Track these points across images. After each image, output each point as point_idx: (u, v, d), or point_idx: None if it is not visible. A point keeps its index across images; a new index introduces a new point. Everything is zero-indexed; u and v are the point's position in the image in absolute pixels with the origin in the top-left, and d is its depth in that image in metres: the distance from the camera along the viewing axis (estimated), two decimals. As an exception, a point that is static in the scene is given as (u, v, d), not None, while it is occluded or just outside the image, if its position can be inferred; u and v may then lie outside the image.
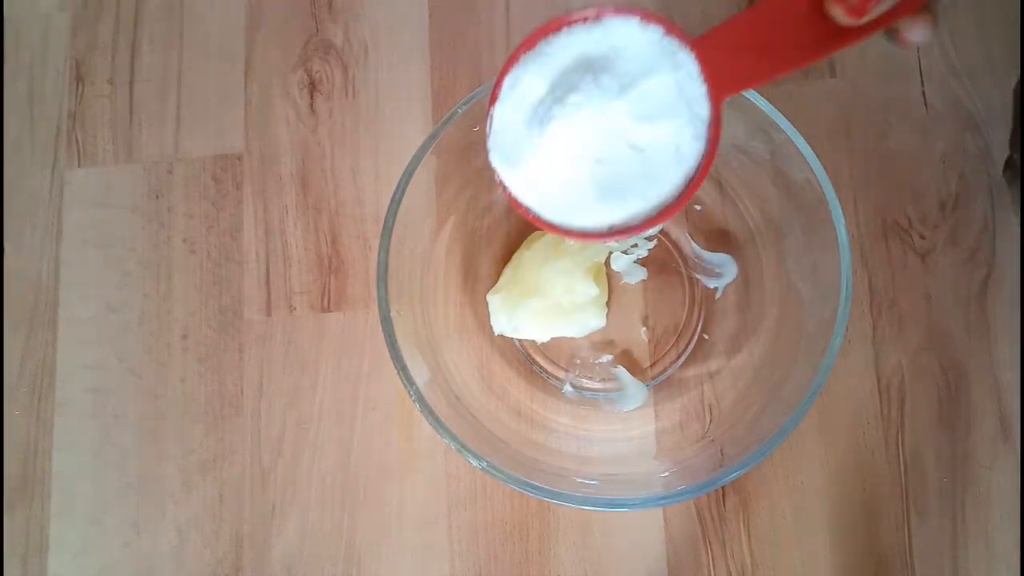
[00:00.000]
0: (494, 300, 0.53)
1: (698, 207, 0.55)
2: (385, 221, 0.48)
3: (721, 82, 0.32)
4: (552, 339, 0.53)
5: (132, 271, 0.58)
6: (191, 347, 0.56)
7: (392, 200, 0.48)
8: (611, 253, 0.54)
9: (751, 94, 0.47)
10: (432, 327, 0.52)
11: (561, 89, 0.33)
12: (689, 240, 0.55)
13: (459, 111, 0.48)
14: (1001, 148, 0.54)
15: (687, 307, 0.55)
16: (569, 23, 0.34)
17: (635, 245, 0.54)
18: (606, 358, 0.54)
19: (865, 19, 0.28)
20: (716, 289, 0.54)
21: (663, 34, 0.33)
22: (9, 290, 0.58)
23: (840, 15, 0.29)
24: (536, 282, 0.51)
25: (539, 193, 0.34)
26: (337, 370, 0.55)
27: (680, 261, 0.55)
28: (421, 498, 0.53)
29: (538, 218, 0.34)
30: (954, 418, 0.51)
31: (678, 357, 0.54)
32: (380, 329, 0.46)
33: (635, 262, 0.54)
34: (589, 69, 0.33)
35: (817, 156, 0.46)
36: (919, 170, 0.54)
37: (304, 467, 0.54)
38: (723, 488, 0.51)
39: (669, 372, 0.54)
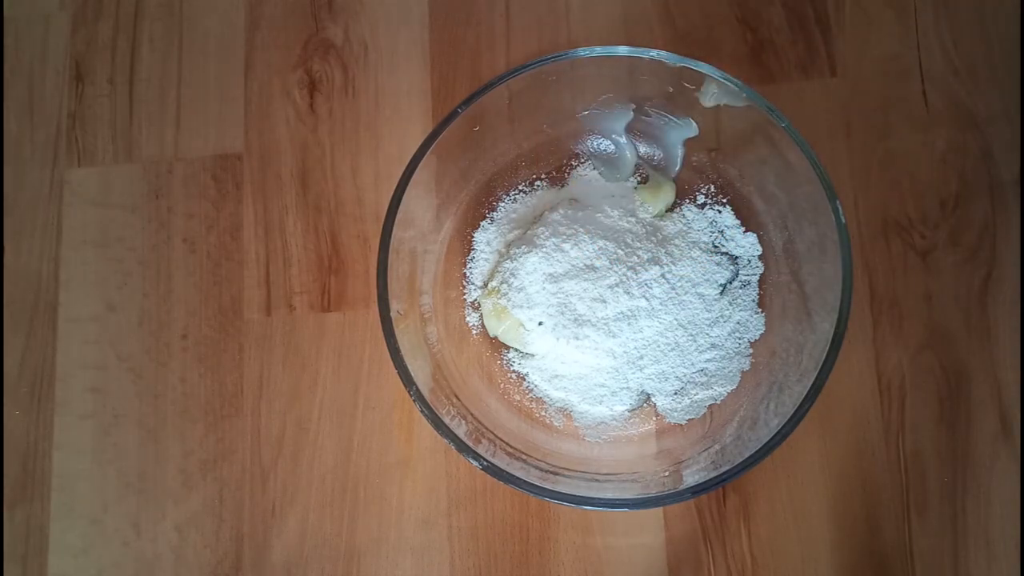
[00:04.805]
0: (486, 304, 0.52)
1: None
2: (385, 221, 0.48)
3: None
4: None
5: (132, 271, 0.58)
6: (191, 347, 0.56)
7: (392, 200, 0.48)
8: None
9: (751, 93, 0.47)
10: (432, 327, 0.52)
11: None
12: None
13: (459, 111, 0.48)
14: (1001, 147, 0.54)
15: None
16: None
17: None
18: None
19: None
20: (716, 289, 0.54)
21: None
22: (9, 290, 0.58)
23: None
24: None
25: None
26: (337, 370, 0.55)
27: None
28: (421, 498, 0.53)
29: None
30: (954, 418, 0.51)
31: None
32: (380, 329, 0.47)
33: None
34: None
35: (817, 156, 0.46)
36: (919, 170, 0.54)
37: (304, 467, 0.54)
38: (723, 488, 0.51)
39: (669, 372, 0.54)
